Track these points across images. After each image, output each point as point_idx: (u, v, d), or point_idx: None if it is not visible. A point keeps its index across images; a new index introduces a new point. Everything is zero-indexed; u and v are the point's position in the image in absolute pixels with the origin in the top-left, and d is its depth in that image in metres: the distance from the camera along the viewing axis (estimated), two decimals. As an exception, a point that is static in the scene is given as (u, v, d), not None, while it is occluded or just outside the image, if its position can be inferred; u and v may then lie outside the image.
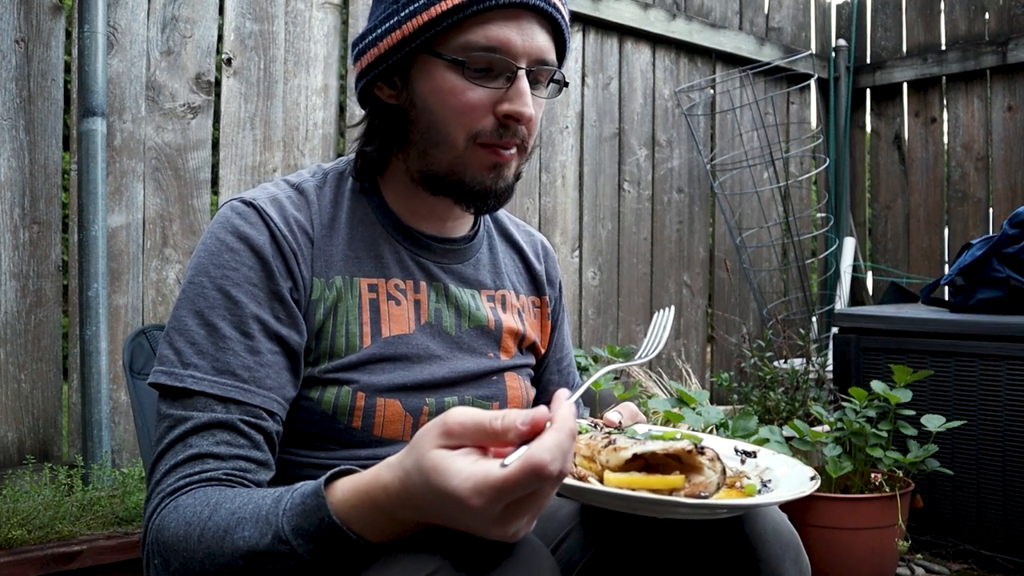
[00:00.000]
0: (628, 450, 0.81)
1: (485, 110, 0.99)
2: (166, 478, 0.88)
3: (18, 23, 2.03)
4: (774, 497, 0.84)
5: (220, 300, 0.95)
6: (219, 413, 0.90)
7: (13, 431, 2.03)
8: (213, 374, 0.92)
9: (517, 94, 0.98)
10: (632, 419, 1.04)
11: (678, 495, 0.79)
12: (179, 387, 0.91)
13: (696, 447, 0.82)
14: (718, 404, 3.40)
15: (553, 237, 3.18)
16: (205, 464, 0.88)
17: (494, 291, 1.17)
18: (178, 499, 0.86)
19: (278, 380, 0.96)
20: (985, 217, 3.84)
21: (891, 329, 2.58)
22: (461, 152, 1.01)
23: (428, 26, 0.97)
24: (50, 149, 2.09)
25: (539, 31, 1.00)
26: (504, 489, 0.64)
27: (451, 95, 0.98)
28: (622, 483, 0.79)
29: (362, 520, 0.74)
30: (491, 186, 1.02)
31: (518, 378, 1.16)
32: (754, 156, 3.76)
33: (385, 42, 1.01)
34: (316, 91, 2.54)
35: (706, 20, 3.65)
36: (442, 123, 1.00)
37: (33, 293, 2.06)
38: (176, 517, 0.84)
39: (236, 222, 0.99)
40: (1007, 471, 2.33)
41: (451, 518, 0.68)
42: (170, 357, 0.94)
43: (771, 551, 0.92)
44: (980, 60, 3.79)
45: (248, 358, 0.94)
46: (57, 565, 1.64)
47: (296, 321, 0.99)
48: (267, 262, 0.97)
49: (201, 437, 0.89)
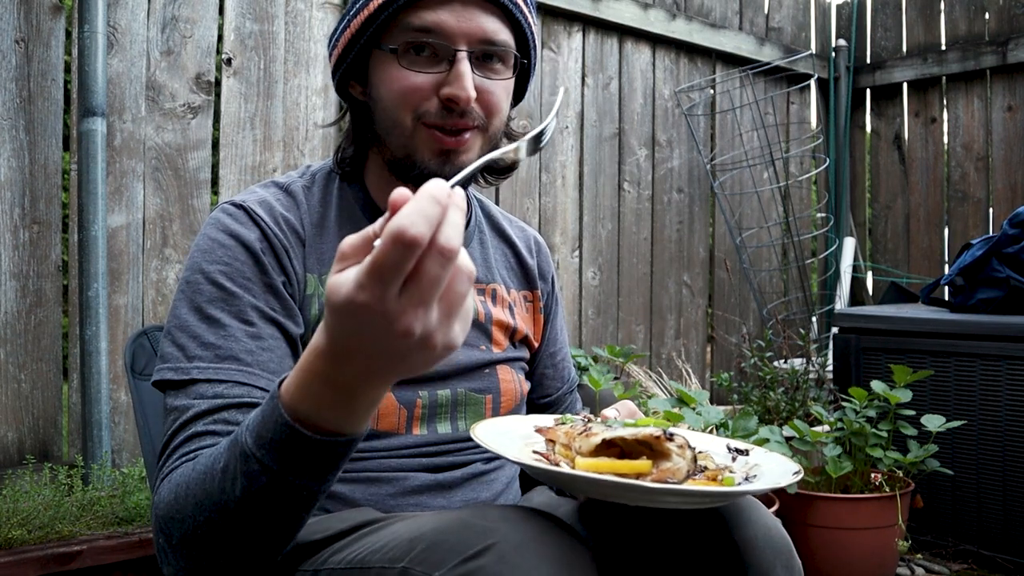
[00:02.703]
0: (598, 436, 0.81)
1: (428, 92, 1.00)
2: (167, 462, 0.89)
3: (18, 23, 2.03)
4: (745, 487, 0.83)
5: (217, 293, 0.96)
6: (220, 398, 0.90)
7: (13, 431, 2.03)
8: (216, 361, 0.92)
9: (456, 76, 0.99)
10: (630, 417, 1.04)
11: (644, 480, 0.79)
12: (184, 379, 0.92)
13: (665, 433, 0.82)
14: (718, 404, 3.40)
15: (553, 237, 3.18)
16: (203, 441, 0.88)
17: (484, 285, 1.18)
18: (173, 474, 0.87)
19: (281, 364, 0.96)
20: (985, 217, 3.84)
21: (891, 329, 2.58)
22: (410, 133, 1.02)
23: (369, 20, 1.00)
24: (50, 149, 2.08)
25: (479, 13, 1.00)
26: (377, 268, 0.59)
27: (395, 82, 1.01)
28: (590, 467, 0.80)
29: (311, 400, 0.71)
30: (439, 170, 1.02)
31: (511, 371, 1.16)
32: (754, 156, 3.76)
33: (341, 41, 1.05)
34: (316, 91, 2.54)
35: (706, 20, 3.65)
36: (391, 108, 1.02)
37: (33, 293, 2.06)
38: (169, 486, 0.85)
39: (227, 221, 1.00)
40: (1007, 471, 2.33)
41: (367, 344, 0.64)
42: (173, 354, 0.94)
43: (762, 556, 0.92)
44: (980, 60, 3.78)
45: (250, 343, 0.94)
46: (57, 565, 1.64)
47: (292, 313, 1.00)
48: (259, 258, 0.99)
49: (200, 421, 0.90)
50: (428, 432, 1.07)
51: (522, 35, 1.06)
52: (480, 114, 1.02)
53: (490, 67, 1.03)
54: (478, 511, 0.80)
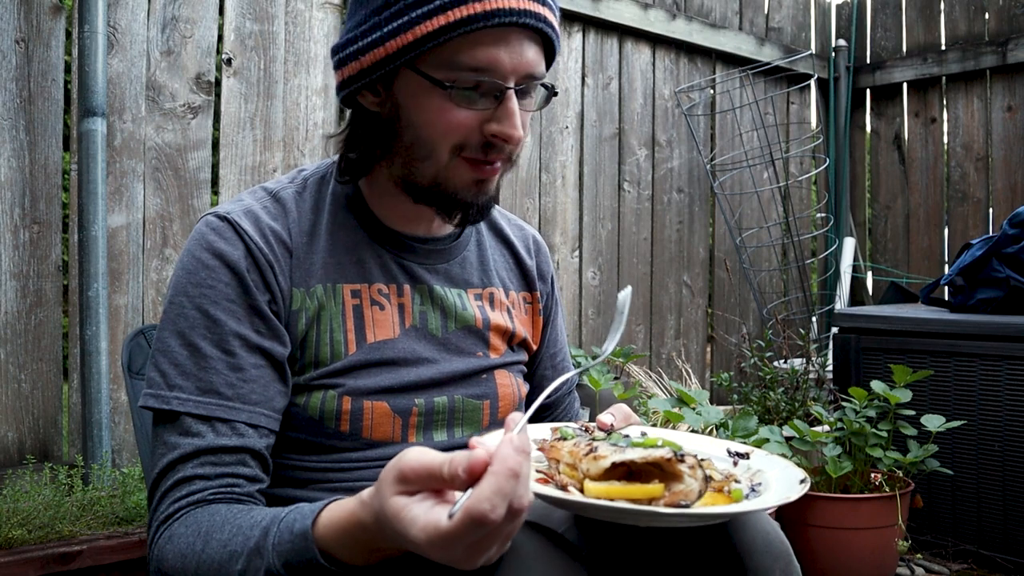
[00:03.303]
0: (607, 459, 0.80)
1: (472, 129, 0.97)
2: (160, 505, 0.92)
3: (18, 23, 2.03)
4: (756, 504, 0.83)
5: (200, 319, 0.96)
6: (204, 437, 0.93)
7: (13, 431, 2.03)
8: (197, 394, 0.94)
9: (506, 115, 0.96)
10: (625, 420, 1.03)
11: (657, 504, 0.78)
12: (167, 410, 0.94)
13: (676, 455, 0.81)
14: (718, 404, 3.40)
15: (553, 237, 3.18)
16: (192, 486, 0.91)
17: (481, 289, 1.16)
18: (171, 528, 0.89)
19: (264, 393, 0.96)
20: (985, 217, 3.84)
21: (891, 329, 2.58)
22: (445, 165, 0.99)
23: (412, 46, 0.94)
24: (50, 149, 2.09)
25: (528, 46, 0.97)
26: (454, 539, 0.65)
27: (437, 114, 0.96)
28: (601, 493, 0.79)
29: (347, 551, 0.78)
30: (473, 201, 1.01)
31: (509, 375, 1.15)
32: (754, 156, 3.76)
33: (368, 57, 0.98)
34: (316, 91, 2.54)
35: (706, 20, 3.65)
36: (427, 140, 0.98)
37: (33, 293, 2.06)
38: (172, 549, 0.88)
39: (210, 238, 0.98)
40: (1007, 471, 2.33)
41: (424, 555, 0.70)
42: (156, 379, 0.96)
43: (761, 561, 0.92)
44: (980, 60, 3.79)
45: (231, 375, 0.95)
46: (57, 565, 1.64)
47: (278, 333, 0.99)
48: (242, 277, 0.97)
49: (188, 463, 0.92)
50: (424, 440, 1.06)
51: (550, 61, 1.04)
52: (511, 148, 1.00)
53: (525, 100, 1.00)
54: None
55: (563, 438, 0.92)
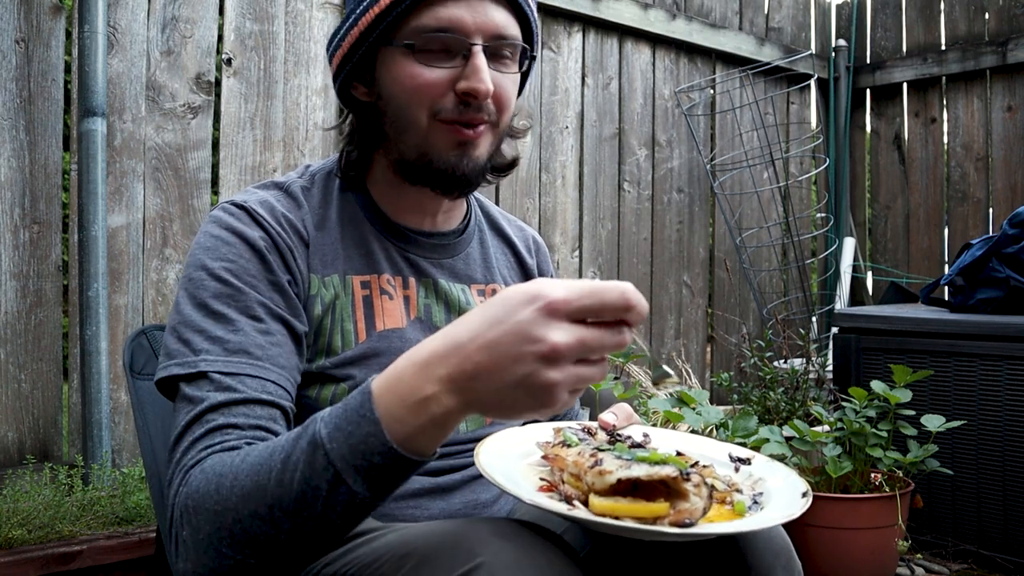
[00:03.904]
0: (613, 475, 0.81)
1: (444, 88, 0.99)
2: (187, 453, 0.85)
3: (18, 23, 2.03)
4: (761, 522, 0.83)
5: (222, 289, 0.93)
6: (236, 391, 0.87)
7: (13, 431, 2.03)
8: (226, 355, 0.90)
9: (473, 71, 0.98)
10: (627, 420, 1.03)
11: (662, 523, 0.79)
12: (193, 373, 0.89)
13: (682, 473, 0.81)
14: (718, 404, 3.40)
15: (553, 237, 3.18)
16: (227, 434, 0.85)
17: (484, 285, 1.18)
18: (203, 464, 0.83)
19: (290, 360, 0.95)
20: (985, 217, 3.84)
21: (891, 329, 2.58)
22: (425, 131, 1.01)
23: (380, 17, 0.99)
24: (50, 149, 2.09)
25: (493, 7, 1.00)
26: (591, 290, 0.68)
27: (409, 79, 0.99)
28: (607, 510, 0.79)
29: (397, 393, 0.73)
30: (457, 164, 1.02)
31: None
32: (754, 156, 3.76)
33: (347, 40, 1.03)
34: (316, 91, 2.54)
35: (706, 20, 3.65)
36: (405, 107, 1.01)
37: (33, 293, 2.06)
38: (204, 476, 0.81)
39: (229, 220, 0.99)
40: (1007, 471, 2.33)
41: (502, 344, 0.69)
42: (179, 349, 0.91)
43: (762, 559, 0.92)
44: (980, 60, 3.79)
45: (260, 338, 0.92)
46: (57, 565, 1.65)
47: (297, 311, 0.99)
48: (264, 255, 0.97)
49: (218, 413, 0.86)
50: None
51: (528, 29, 1.06)
52: (492, 109, 1.02)
53: (501, 62, 1.02)
54: (471, 525, 0.80)
55: (566, 443, 0.92)
